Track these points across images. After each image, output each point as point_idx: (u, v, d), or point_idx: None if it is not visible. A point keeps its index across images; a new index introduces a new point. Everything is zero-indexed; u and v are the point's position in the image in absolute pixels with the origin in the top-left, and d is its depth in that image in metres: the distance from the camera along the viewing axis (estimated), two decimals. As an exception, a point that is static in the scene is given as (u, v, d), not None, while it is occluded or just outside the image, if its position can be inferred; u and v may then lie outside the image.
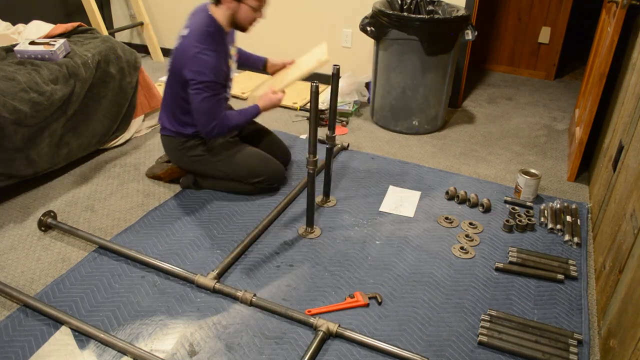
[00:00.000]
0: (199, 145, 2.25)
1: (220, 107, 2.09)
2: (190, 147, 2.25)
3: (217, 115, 2.08)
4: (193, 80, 2.02)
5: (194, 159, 2.26)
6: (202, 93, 2.02)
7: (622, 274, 1.56)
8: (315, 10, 3.60)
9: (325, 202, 2.32)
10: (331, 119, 2.10)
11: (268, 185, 2.32)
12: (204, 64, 2.00)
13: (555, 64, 4.08)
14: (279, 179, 2.35)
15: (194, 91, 2.03)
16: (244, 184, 2.29)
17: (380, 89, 3.04)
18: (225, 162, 2.25)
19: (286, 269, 1.90)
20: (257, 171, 2.27)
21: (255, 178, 2.27)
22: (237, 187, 2.31)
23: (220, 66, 2.05)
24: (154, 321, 1.65)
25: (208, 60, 2.00)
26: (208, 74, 2.00)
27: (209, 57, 2.00)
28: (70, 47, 2.48)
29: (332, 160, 2.27)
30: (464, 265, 1.95)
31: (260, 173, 2.27)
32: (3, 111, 2.05)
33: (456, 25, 2.78)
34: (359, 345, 1.58)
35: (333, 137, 2.15)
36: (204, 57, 2.00)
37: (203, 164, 2.26)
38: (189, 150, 2.25)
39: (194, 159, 2.26)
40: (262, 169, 2.27)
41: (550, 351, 1.56)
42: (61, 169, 2.49)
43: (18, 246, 1.99)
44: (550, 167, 2.74)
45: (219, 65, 2.04)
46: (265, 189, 2.33)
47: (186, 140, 2.24)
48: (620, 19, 2.18)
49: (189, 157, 2.26)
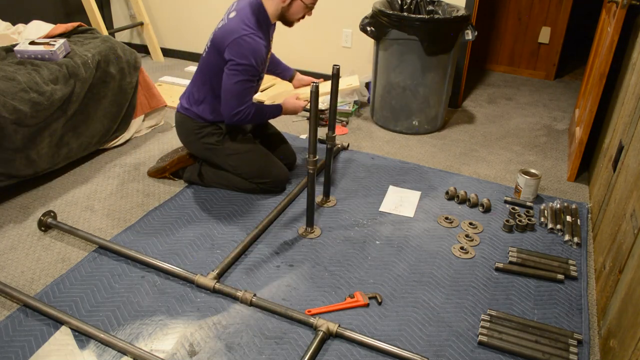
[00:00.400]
0: (214, 134, 2.25)
1: (250, 94, 2.09)
2: (206, 135, 2.25)
3: (245, 101, 2.07)
4: (232, 60, 2.01)
5: (207, 147, 2.26)
6: (238, 75, 2.02)
7: (622, 274, 1.56)
8: (316, 10, 3.59)
9: (325, 202, 2.32)
10: (331, 119, 2.10)
11: (271, 188, 2.33)
12: (247, 47, 1.99)
13: (555, 64, 4.08)
14: (283, 183, 2.36)
15: (230, 71, 2.02)
16: (248, 181, 2.30)
17: (380, 89, 3.04)
18: (235, 157, 2.26)
19: (286, 269, 1.90)
20: (264, 172, 2.28)
21: (260, 179, 2.28)
22: (239, 184, 2.32)
23: (261, 53, 2.05)
24: (154, 321, 1.65)
25: (252, 43, 2.00)
26: (249, 57, 2.00)
27: (253, 41, 2.00)
28: (70, 47, 2.48)
29: (332, 160, 2.27)
30: (464, 265, 1.95)
31: (267, 175, 2.28)
32: (3, 111, 2.05)
33: (456, 25, 2.78)
34: (359, 345, 1.58)
35: (333, 137, 2.15)
36: (249, 39, 1.99)
37: (214, 153, 2.27)
38: (204, 137, 2.25)
39: (207, 146, 2.26)
40: (269, 171, 2.29)
41: (550, 351, 1.56)
42: (61, 169, 2.49)
43: (18, 246, 1.99)
44: (550, 167, 2.74)
45: (260, 51, 2.03)
46: (267, 190, 2.34)
47: (204, 126, 2.24)
48: (620, 19, 2.18)
49: (203, 143, 2.26)
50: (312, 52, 3.71)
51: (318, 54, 3.71)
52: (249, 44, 2.00)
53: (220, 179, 2.34)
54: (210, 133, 2.25)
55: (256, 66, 2.03)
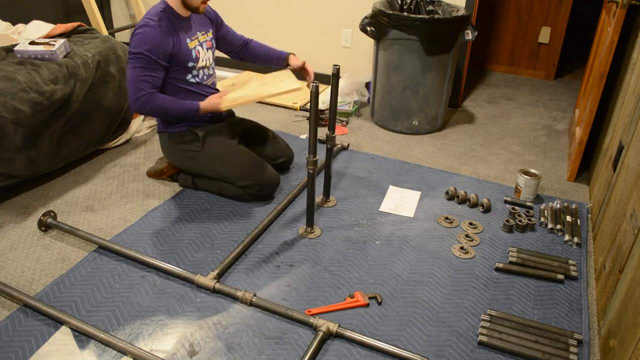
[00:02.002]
0: (193, 142, 2.24)
1: (148, 83, 2.05)
2: (185, 142, 2.24)
3: (142, 89, 2.04)
4: (130, 52, 2.04)
5: (188, 155, 2.25)
6: (131, 63, 2.04)
7: (622, 274, 1.56)
8: (315, 10, 3.60)
9: (325, 202, 2.32)
10: (331, 119, 2.10)
11: (258, 192, 2.24)
12: (139, 37, 2.02)
13: (555, 64, 4.08)
14: (271, 187, 2.27)
15: (129, 63, 2.05)
16: (235, 187, 2.25)
17: (380, 89, 3.04)
18: (218, 161, 2.23)
19: (286, 269, 1.90)
20: (248, 174, 2.21)
21: (245, 181, 2.21)
22: (228, 190, 2.28)
23: (160, 42, 2.03)
24: (154, 321, 1.65)
25: (145, 33, 2.01)
26: (140, 46, 2.01)
27: (147, 31, 2.02)
28: (70, 47, 2.48)
29: (332, 160, 2.26)
30: (464, 265, 1.95)
31: (251, 177, 2.21)
32: (3, 111, 2.05)
33: (456, 25, 2.78)
34: (359, 345, 1.58)
35: (333, 137, 2.15)
36: (142, 30, 2.02)
37: (197, 161, 2.25)
38: (184, 146, 2.24)
39: (188, 154, 2.25)
40: (254, 172, 2.22)
41: (550, 351, 1.56)
42: (61, 169, 2.49)
43: (18, 246, 1.99)
44: (550, 167, 2.74)
45: (154, 42, 2.02)
46: (255, 195, 2.26)
47: (181, 135, 2.24)
48: (620, 19, 2.18)
49: (183, 152, 2.25)
50: (312, 52, 3.71)
51: (318, 54, 3.71)
52: (142, 34, 2.02)
53: (212, 187, 2.32)
54: (188, 141, 2.24)
55: (150, 55, 2.02)
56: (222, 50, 2.45)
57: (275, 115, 3.25)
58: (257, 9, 3.77)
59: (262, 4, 3.75)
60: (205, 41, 2.25)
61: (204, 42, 2.24)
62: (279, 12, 3.71)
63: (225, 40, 2.41)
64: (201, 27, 2.24)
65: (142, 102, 2.06)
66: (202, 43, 2.22)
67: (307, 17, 3.65)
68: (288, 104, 3.35)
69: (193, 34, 2.18)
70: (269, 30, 3.75)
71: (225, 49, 2.44)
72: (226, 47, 2.43)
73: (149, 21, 2.04)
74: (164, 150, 2.34)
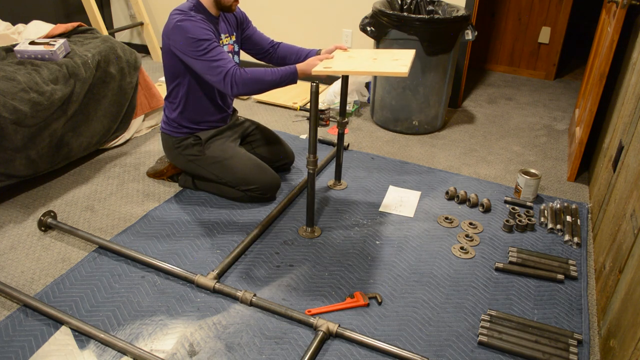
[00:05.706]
0: (194, 145, 2.24)
1: (223, 57, 1.97)
2: (186, 146, 2.24)
3: (223, 64, 1.94)
4: (183, 44, 1.96)
5: (189, 159, 2.25)
6: (194, 53, 1.96)
7: (622, 274, 1.56)
8: (315, 10, 3.60)
9: (336, 184, 2.44)
10: (342, 105, 2.23)
11: (260, 195, 2.25)
12: (188, 28, 1.94)
13: (555, 64, 4.08)
14: (272, 189, 2.27)
15: (190, 59, 1.98)
16: (236, 190, 2.25)
17: (380, 89, 3.04)
18: (219, 165, 2.22)
19: (286, 269, 1.90)
20: (249, 178, 2.21)
21: (247, 185, 2.22)
22: (228, 192, 2.28)
23: (207, 25, 1.99)
24: (154, 321, 1.65)
25: (190, 24, 1.95)
26: (195, 34, 1.94)
27: (190, 21, 1.96)
28: (70, 47, 2.48)
29: (342, 145, 2.35)
30: (464, 265, 1.95)
31: (252, 181, 2.21)
32: (3, 111, 2.05)
33: (456, 25, 2.78)
34: (359, 345, 1.58)
35: (344, 123, 2.27)
36: (186, 22, 1.95)
37: (198, 164, 2.25)
38: (185, 149, 2.24)
39: (190, 158, 2.25)
40: (255, 177, 2.22)
41: (550, 351, 1.56)
42: (61, 169, 2.49)
43: (18, 246, 1.99)
44: (550, 167, 2.74)
45: (204, 24, 1.98)
46: (256, 197, 2.27)
47: (183, 139, 2.24)
48: (620, 19, 2.18)
49: (185, 156, 2.25)
50: (312, 52, 3.71)
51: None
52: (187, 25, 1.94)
53: (213, 188, 2.32)
54: (190, 145, 2.23)
55: (207, 38, 1.96)
56: (247, 51, 2.35)
57: (275, 115, 3.25)
58: (257, 9, 3.77)
59: (262, 4, 3.75)
60: (227, 44, 2.19)
61: (226, 46, 2.18)
62: (279, 12, 3.71)
63: (251, 41, 2.31)
64: (226, 30, 2.19)
65: (238, 78, 1.95)
66: (224, 46, 2.17)
67: (307, 17, 3.65)
68: (288, 104, 3.35)
69: (218, 36, 2.14)
70: (269, 31, 3.74)
71: (251, 50, 2.34)
72: (252, 48, 2.33)
73: (184, 14, 1.97)
74: (166, 150, 2.34)
